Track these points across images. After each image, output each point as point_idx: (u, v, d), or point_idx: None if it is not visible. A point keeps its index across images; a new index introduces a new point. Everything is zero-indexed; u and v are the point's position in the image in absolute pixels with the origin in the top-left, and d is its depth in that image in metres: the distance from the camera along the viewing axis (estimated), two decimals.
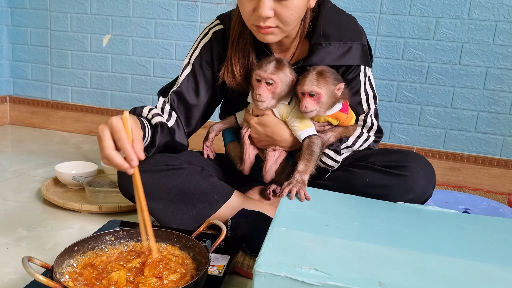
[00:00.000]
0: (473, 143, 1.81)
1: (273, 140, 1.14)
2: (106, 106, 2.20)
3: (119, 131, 0.79)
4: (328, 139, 1.12)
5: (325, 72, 1.06)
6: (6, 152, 1.86)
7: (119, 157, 0.80)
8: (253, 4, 0.98)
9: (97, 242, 0.88)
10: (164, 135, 1.08)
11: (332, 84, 1.06)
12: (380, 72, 1.84)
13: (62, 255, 0.80)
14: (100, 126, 0.81)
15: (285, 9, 0.98)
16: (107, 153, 0.79)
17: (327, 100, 1.07)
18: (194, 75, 1.17)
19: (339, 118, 1.12)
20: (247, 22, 1.04)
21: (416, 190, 1.02)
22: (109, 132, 0.80)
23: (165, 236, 0.92)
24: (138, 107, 1.10)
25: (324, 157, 1.12)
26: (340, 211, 0.88)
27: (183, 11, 2.00)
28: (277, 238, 0.71)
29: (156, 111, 1.10)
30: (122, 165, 0.80)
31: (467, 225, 0.86)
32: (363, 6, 1.81)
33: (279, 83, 1.07)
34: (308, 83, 1.05)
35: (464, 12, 1.72)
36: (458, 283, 0.61)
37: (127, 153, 0.79)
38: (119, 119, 0.81)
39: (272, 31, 1.02)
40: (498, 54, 1.72)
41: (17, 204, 1.31)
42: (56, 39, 2.19)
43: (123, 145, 0.79)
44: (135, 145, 0.81)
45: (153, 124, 1.07)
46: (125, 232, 0.91)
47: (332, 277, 0.59)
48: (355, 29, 1.13)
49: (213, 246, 0.88)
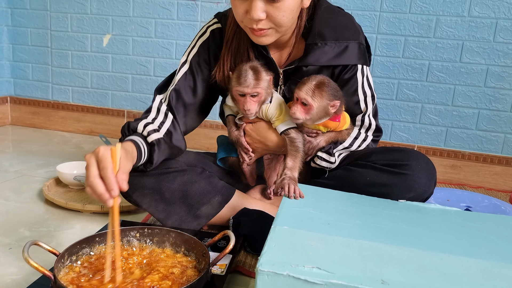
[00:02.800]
0: (474, 140, 1.81)
1: (265, 145, 1.16)
2: (107, 106, 2.20)
3: (104, 160, 0.76)
4: (318, 143, 1.12)
5: (324, 86, 1.04)
6: (7, 152, 1.86)
7: (101, 187, 0.76)
8: (245, 6, 0.98)
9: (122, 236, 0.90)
10: (161, 153, 1.05)
11: (327, 99, 1.04)
12: (380, 70, 1.84)
13: (79, 244, 0.84)
14: (88, 155, 0.79)
15: (277, 11, 0.97)
16: (91, 181, 0.76)
17: (317, 113, 1.06)
18: (192, 73, 1.17)
19: (328, 126, 1.11)
20: (241, 24, 1.04)
21: (417, 189, 1.02)
22: (96, 160, 0.78)
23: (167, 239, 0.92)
24: (132, 122, 1.06)
25: (318, 160, 1.12)
26: (342, 209, 0.88)
27: (183, 11, 2.00)
28: (280, 237, 0.71)
29: (151, 127, 1.05)
30: (103, 195, 0.75)
31: (469, 222, 0.86)
32: (363, 4, 1.81)
33: (263, 92, 1.07)
34: (304, 91, 1.04)
35: (464, 9, 1.72)
36: (460, 280, 0.61)
37: (108, 182, 0.75)
38: (108, 149, 0.78)
39: (265, 33, 1.01)
40: (498, 52, 1.72)
41: (19, 205, 1.31)
42: (57, 39, 2.19)
43: (105, 174, 0.76)
44: (119, 175, 0.77)
45: (149, 142, 1.03)
46: (149, 230, 0.92)
47: (335, 275, 0.59)
48: (351, 28, 1.12)
49: (217, 258, 0.84)
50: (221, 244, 1.02)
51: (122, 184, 0.77)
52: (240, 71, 1.07)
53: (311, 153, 1.13)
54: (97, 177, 0.76)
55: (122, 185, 0.77)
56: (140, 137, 1.02)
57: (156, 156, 1.03)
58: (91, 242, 0.87)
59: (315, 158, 1.13)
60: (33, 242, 0.77)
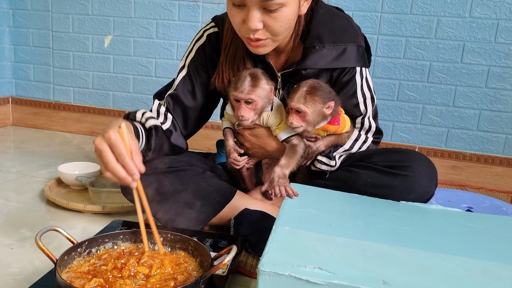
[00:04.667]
0: (475, 141, 1.81)
1: (265, 151, 1.16)
2: (108, 106, 2.20)
3: (118, 146, 0.79)
4: (317, 147, 1.12)
5: (315, 90, 1.04)
6: (8, 153, 1.86)
7: (123, 171, 0.80)
8: (242, 16, 0.97)
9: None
10: (159, 138, 1.07)
11: (321, 103, 1.04)
12: (381, 71, 1.84)
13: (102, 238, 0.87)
14: (98, 140, 0.81)
15: (274, 21, 0.97)
16: (112, 168, 0.80)
17: (314, 118, 1.06)
18: (190, 78, 1.17)
19: (327, 130, 1.11)
20: (238, 33, 1.04)
21: (418, 190, 1.02)
22: (108, 146, 0.80)
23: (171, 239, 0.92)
24: (131, 112, 1.09)
25: (318, 164, 1.12)
26: (343, 210, 0.88)
27: (184, 12, 2.01)
28: (281, 238, 0.71)
29: (149, 114, 1.08)
30: (126, 178, 0.80)
31: (470, 223, 0.86)
32: (365, 5, 1.81)
33: (258, 100, 1.07)
34: (296, 100, 1.04)
35: (465, 10, 1.72)
36: (462, 281, 0.61)
37: (128, 168, 0.79)
38: (117, 132, 0.80)
39: (263, 43, 1.01)
40: (500, 52, 1.72)
41: (20, 205, 1.32)
42: (58, 40, 2.20)
43: (123, 160, 0.79)
44: (134, 158, 0.81)
45: (147, 128, 1.06)
46: (172, 236, 0.91)
47: (336, 276, 0.60)
48: (349, 30, 1.12)
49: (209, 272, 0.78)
50: (222, 244, 1.02)
51: (140, 166, 0.81)
52: (239, 76, 1.07)
53: (310, 157, 1.13)
54: (116, 162, 0.80)
55: (140, 167, 0.81)
56: (138, 123, 1.05)
57: (153, 141, 1.05)
58: (115, 238, 0.89)
59: (315, 162, 1.13)
60: (51, 228, 0.79)
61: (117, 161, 0.80)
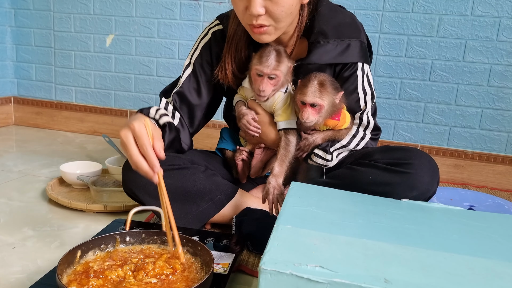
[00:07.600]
0: (477, 140, 1.81)
1: (262, 139, 1.18)
2: (110, 106, 2.21)
3: (142, 137, 0.81)
4: (314, 140, 1.12)
5: (326, 82, 1.05)
6: (11, 152, 1.87)
7: (145, 165, 0.82)
8: (244, 3, 0.99)
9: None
10: (172, 134, 1.10)
11: (333, 94, 1.06)
12: (383, 69, 1.84)
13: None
14: (123, 132, 0.83)
15: (276, 6, 0.98)
16: (135, 161, 0.82)
17: (328, 109, 1.07)
18: (195, 75, 1.18)
19: (327, 124, 1.11)
20: (242, 22, 1.05)
21: (420, 188, 1.02)
22: (133, 137, 0.82)
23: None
24: (145, 108, 1.11)
25: (314, 157, 1.12)
26: (345, 208, 0.88)
27: (185, 11, 2.01)
28: (282, 236, 0.71)
29: (163, 111, 1.11)
30: (148, 173, 0.82)
31: (473, 222, 0.86)
32: (366, 3, 1.80)
33: (281, 76, 1.08)
34: (311, 94, 1.04)
35: (467, 8, 1.71)
36: (464, 279, 0.61)
37: (149, 159, 0.81)
38: (142, 124, 0.83)
39: (266, 30, 1.02)
40: (502, 51, 1.71)
41: (22, 204, 1.32)
42: (60, 40, 2.20)
43: (145, 152, 0.81)
44: (155, 144, 0.83)
45: (161, 125, 1.08)
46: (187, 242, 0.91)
47: (338, 274, 0.59)
48: (353, 26, 1.13)
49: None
50: (223, 243, 1.02)
51: (160, 153, 0.83)
52: (264, 51, 1.08)
53: (306, 149, 1.13)
54: (139, 155, 0.82)
55: (160, 154, 0.83)
56: (152, 120, 1.06)
57: (166, 137, 1.07)
58: (138, 236, 0.91)
59: (312, 155, 1.13)
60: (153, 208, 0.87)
61: (139, 153, 0.82)
